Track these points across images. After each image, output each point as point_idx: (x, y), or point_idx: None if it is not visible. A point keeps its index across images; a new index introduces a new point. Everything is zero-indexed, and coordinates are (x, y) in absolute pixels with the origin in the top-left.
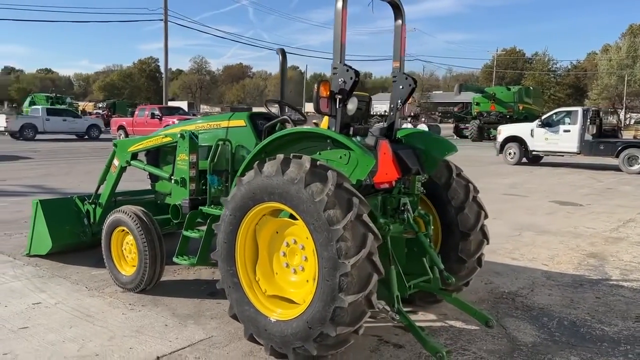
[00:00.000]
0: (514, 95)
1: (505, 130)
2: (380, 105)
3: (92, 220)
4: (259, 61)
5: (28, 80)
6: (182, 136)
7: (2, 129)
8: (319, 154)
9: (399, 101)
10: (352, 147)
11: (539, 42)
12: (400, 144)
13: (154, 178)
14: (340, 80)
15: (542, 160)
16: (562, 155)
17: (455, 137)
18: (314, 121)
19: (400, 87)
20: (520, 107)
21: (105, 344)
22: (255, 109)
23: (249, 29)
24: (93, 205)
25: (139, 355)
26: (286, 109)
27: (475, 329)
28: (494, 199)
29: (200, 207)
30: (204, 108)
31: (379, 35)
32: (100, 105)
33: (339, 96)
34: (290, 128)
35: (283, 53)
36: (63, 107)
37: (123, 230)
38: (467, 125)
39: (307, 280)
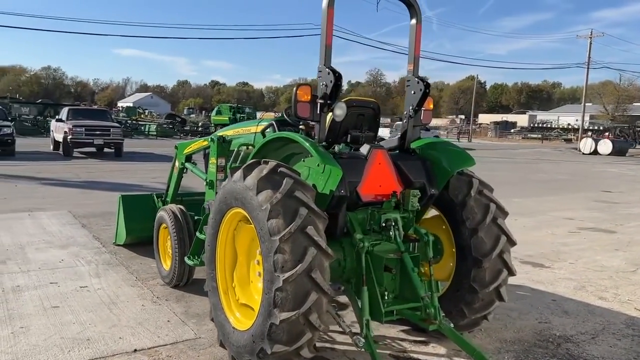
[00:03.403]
0: None
1: None
2: (566, 117)
3: None
4: (438, 72)
5: (228, 92)
6: (212, 140)
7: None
8: (303, 160)
9: (411, 108)
10: (313, 154)
11: None
12: (412, 154)
13: None
14: (322, 84)
15: None
16: None
17: None
18: None
19: (413, 92)
20: None
21: (104, 330)
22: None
23: (432, 40)
24: (163, 203)
25: (121, 345)
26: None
27: None
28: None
29: None
30: None
31: (571, 41)
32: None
33: (321, 101)
34: (271, 134)
35: None
36: (243, 116)
37: (166, 227)
38: None
39: None
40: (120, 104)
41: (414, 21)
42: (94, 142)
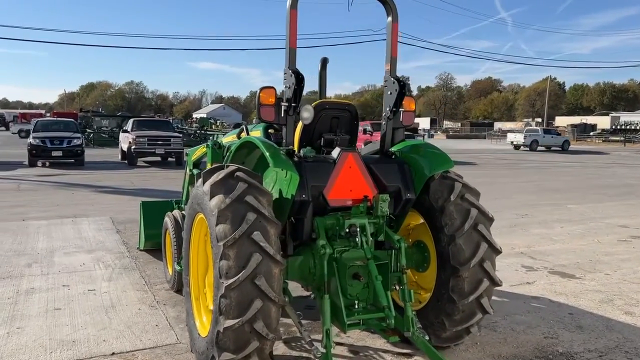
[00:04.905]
0: None
1: None
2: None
3: None
4: (513, 74)
5: None
6: (208, 146)
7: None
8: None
9: (388, 109)
10: (268, 159)
11: None
12: (391, 157)
13: None
14: (286, 86)
15: None
16: None
17: None
18: None
19: (389, 93)
20: None
21: (93, 333)
22: (500, 124)
23: (508, 41)
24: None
25: (101, 348)
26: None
27: None
28: None
29: None
30: (447, 124)
31: None
32: None
33: (285, 104)
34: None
35: (323, 62)
36: None
37: (169, 232)
38: None
39: None
40: (195, 115)
41: (389, 19)
42: (156, 152)
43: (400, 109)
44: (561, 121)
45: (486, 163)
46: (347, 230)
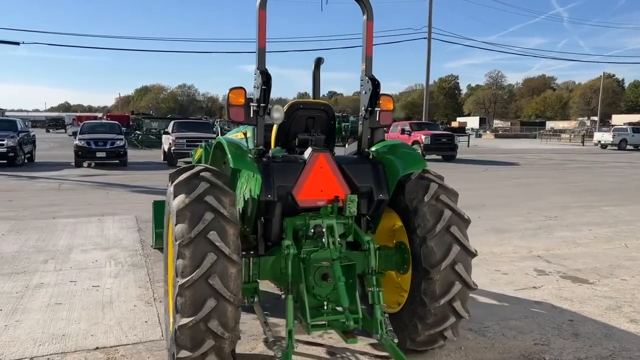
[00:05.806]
0: None
1: None
2: None
3: None
4: (568, 71)
5: (344, 102)
6: (202, 146)
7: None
8: None
9: (363, 108)
10: (229, 160)
11: None
12: (366, 158)
13: None
14: (255, 86)
15: None
16: None
17: None
18: None
19: (364, 92)
20: None
21: (84, 328)
22: (552, 124)
23: (563, 37)
24: None
25: (87, 343)
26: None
27: None
28: None
29: None
30: (497, 123)
31: None
32: None
33: (254, 104)
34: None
35: (316, 62)
36: (347, 124)
37: None
38: None
39: None
40: None
41: (364, 18)
42: None
43: (377, 109)
44: (618, 119)
45: (530, 163)
46: (313, 230)
